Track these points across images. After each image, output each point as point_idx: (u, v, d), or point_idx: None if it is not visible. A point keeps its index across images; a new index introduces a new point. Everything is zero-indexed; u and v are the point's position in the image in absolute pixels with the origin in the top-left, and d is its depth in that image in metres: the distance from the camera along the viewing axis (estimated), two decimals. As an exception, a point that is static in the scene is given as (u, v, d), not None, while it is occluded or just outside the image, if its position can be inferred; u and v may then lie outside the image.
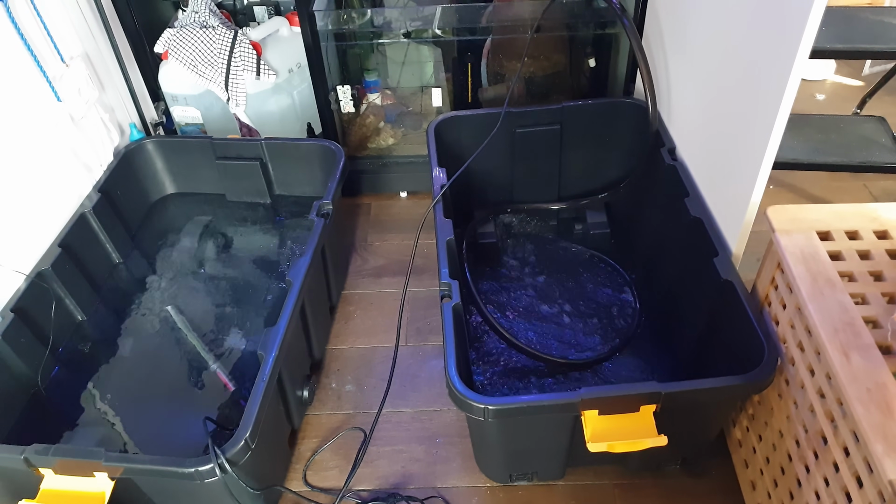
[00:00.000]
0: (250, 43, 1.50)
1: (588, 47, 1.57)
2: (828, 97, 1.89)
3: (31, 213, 1.14)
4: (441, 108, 1.63)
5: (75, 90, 1.22)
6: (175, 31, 1.50)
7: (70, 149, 1.21)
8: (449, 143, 1.39)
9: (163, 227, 1.44)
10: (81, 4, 1.28)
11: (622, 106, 1.39)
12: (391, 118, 1.72)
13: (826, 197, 1.56)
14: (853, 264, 0.84)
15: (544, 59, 1.56)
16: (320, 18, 1.43)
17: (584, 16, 1.44)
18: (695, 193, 1.15)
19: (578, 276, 1.38)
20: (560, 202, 1.49)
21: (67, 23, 1.24)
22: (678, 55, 1.23)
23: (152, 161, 1.42)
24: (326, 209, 1.21)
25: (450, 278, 1.04)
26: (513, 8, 1.47)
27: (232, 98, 1.51)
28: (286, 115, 1.61)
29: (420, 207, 1.65)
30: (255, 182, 1.42)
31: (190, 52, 1.47)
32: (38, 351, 1.11)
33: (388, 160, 1.66)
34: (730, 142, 1.02)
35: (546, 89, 1.58)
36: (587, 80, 1.61)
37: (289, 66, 1.57)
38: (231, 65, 1.48)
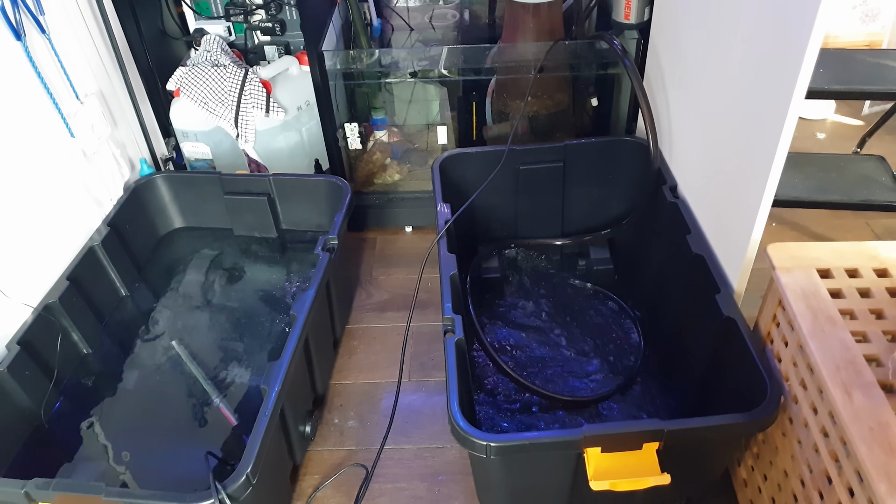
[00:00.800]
0: (260, 81, 1.54)
1: (590, 87, 1.60)
2: (828, 136, 1.91)
3: (40, 245, 1.15)
4: (446, 146, 1.66)
5: (89, 126, 1.25)
6: (187, 69, 1.54)
7: (82, 183, 1.24)
8: (454, 179, 1.41)
9: (170, 261, 1.45)
10: (97, 43, 1.32)
11: (624, 144, 1.41)
12: (397, 155, 1.74)
13: (828, 235, 1.57)
14: (854, 302, 0.84)
15: (547, 98, 1.58)
16: (329, 58, 1.46)
17: (586, 56, 1.47)
18: (696, 231, 1.16)
19: (582, 312, 1.38)
20: (563, 238, 1.50)
21: (83, 61, 1.27)
22: (679, 95, 1.25)
23: (161, 196, 1.44)
24: (332, 244, 1.23)
25: (453, 313, 1.05)
26: (517, 49, 1.50)
27: (241, 135, 1.54)
28: (294, 152, 1.64)
29: (424, 242, 1.67)
30: (262, 217, 1.44)
31: (201, 90, 1.51)
32: (43, 384, 1.11)
33: (394, 196, 1.68)
34: (730, 180, 1.04)
35: (549, 127, 1.61)
36: (590, 119, 1.63)
37: (298, 104, 1.60)
38: (241, 102, 1.51)
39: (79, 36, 1.26)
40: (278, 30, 1.65)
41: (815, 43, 0.80)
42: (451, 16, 1.75)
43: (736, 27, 0.99)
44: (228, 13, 1.64)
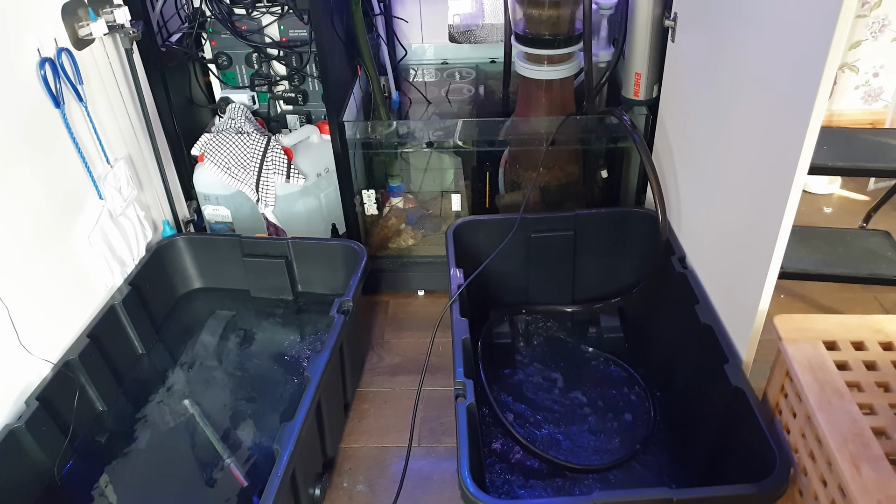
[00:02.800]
0: (282, 148, 1.60)
1: (601, 159, 1.65)
2: (834, 210, 1.94)
3: (64, 301, 1.19)
4: (460, 213, 1.71)
5: (116, 189, 1.30)
6: (212, 135, 1.60)
7: (106, 243, 1.28)
8: (467, 245, 1.45)
9: (187, 321, 1.48)
10: (129, 110, 1.39)
11: (634, 215, 1.45)
12: (412, 220, 1.79)
13: (836, 307, 1.58)
14: (860, 374, 0.86)
15: (559, 170, 1.63)
16: (349, 128, 1.53)
17: (597, 131, 1.53)
18: (705, 301, 1.18)
19: (593, 379, 1.39)
20: (574, 305, 1.52)
21: (115, 127, 1.34)
22: (686, 168, 1.29)
23: (182, 257, 1.49)
24: (347, 306, 1.25)
25: (465, 378, 1.06)
26: (529, 123, 1.56)
27: (262, 199, 1.59)
28: (312, 216, 1.69)
29: (437, 306, 1.69)
30: (279, 279, 1.48)
31: (225, 156, 1.57)
32: (58, 441, 1.13)
33: (408, 260, 1.72)
34: (737, 251, 1.06)
35: (560, 197, 1.65)
36: (600, 190, 1.68)
37: (318, 171, 1.66)
38: (263, 168, 1.57)
39: (113, 104, 1.32)
40: (300, 100, 1.72)
41: (816, 122, 0.83)
42: (466, 90, 1.83)
43: (740, 106, 1.03)
44: (254, 83, 1.72)
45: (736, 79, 1.04)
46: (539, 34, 1.47)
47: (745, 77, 1.01)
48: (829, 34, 0.77)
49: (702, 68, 1.18)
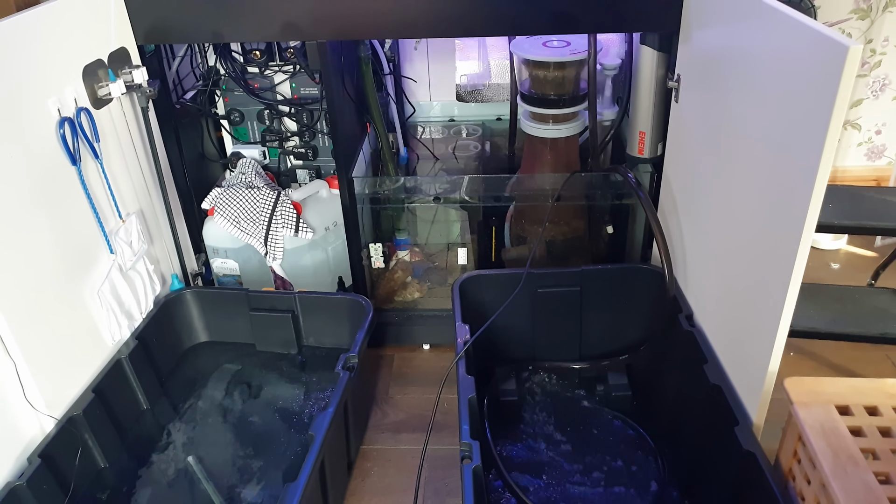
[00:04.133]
0: (291, 203, 1.62)
1: (606, 215, 1.66)
2: (842, 266, 1.94)
3: (70, 356, 1.18)
4: (466, 266, 1.71)
5: (127, 243, 1.32)
6: (222, 190, 1.63)
7: (115, 297, 1.29)
8: (473, 300, 1.44)
9: (192, 375, 1.47)
10: (143, 166, 1.41)
11: (640, 271, 1.45)
12: (418, 273, 1.80)
13: (847, 366, 1.56)
14: (875, 441, 0.84)
15: (564, 225, 1.65)
16: (358, 184, 1.55)
17: (602, 187, 1.54)
18: (713, 360, 1.17)
19: (601, 439, 1.37)
20: (581, 361, 1.51)
21: (128, 182, 1.36)
22: (692, 225, 1.30)
23: (189, 310, 1.49)
24: (352, 362, 1.25)
25: (471, 438, 1.05)
26: (535, 179, 1.58)
27: (270, 252, 1.60)
28: (319, 269, 1.69)
29: (442, 360, 1.68)
30: (285, 333, 1.47)
31: (235, 210, 1.59)
32: (58, 498, 1.11)
33: (413, 313, 1.72)
34: (745, 310, 1.06)
35: (566, 252, 1.66)
36: (606, 246, 1.69)
37: (326, 224, 1.67)
38: (272, 222, 1.59)
39: (127, 160, 1.35)
40: (311, 155, 1.75)
41: (822, 183, 0.84)
42: (473, 147, 1.86)
43: (745, 165, 1.04)
44: (265, 139, 1.75)
45: (740, 138, 1.06)
46: (544, 94, 1.51)
47: (749, 137, 1.02)
48: (831, 97, 0.79)
49: (705, 128, 1.20)
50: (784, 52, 0.91)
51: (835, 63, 0.77)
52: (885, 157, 2.22)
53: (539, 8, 1.28)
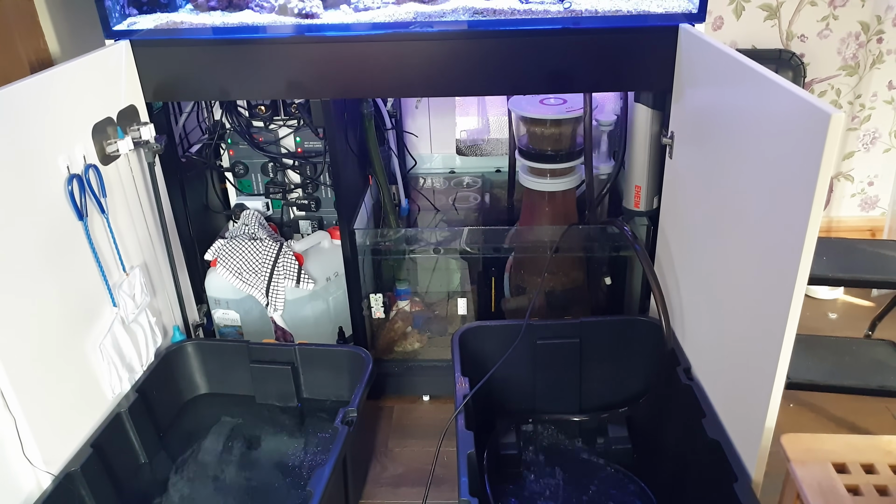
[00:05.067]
0: (293, 254, 1.64)
1: (604, 266, 1.68)
2: (840, 316, 1.95)
3: (70, 410, 1.19)
4: (466, 316, 1.72)
5: (130, 296, 1.33)
6: (225, 241, 1.65)
7: (117, 350, 1.29)
8: (472, 351, 1.45)
9: (192, 428, 1.47)
10: (147, 219, 1.44)
11: (638, 324, 1.46)
12: (418, 323, 1.80)
13: (847, 418, 1.56)
14: (872, 500, 0.84)
15: (563, 275, 1.66)
16: (360, 235, 1.58)
17: (599, 240, 1.57)
18: (711, 414, 1.17)
19: (602, 492, 1.36)
20: (581, 414, 1.51)
21: (133, 235, 1.38)
22: (688, 278, 1.32)
23: (190, 362, 1.50)
24: (351, 416, 1.25)
25: (470, 496, 1.04)
26: (534, 231, 1.60)
27: (271, 303, 1.61)
28: (320, 320, 1.71)
29: (442, 412, 1.68)
30: (284, 385, 1.48)
31: (237, 262, 1.61)
32: (53, 555, 1.10)
33: (413, 364, 1.72)
34: (741, 364, 1.07)
35: (565, 302, 1.67)
36: (605, 296, 1.70)
37: (327, 275, 1.69)
38: (274, 274, 1.60)
39: (132, 213, 1.37)
40: (313, 206, 1.78)
41: (811, 239, 0.85)
42: (473, 198, 1.89)
43: (737, 219, 1.06)
44: (269, 191, 1.79)
45: (731, 195, 1.08)
46: (542, 150, 1.54)
47: (740, 194, 1.05)
48: (816, 163, 0.81)
49: (699, 184, 1.23)
50: (771, 116, 0.94)
51: (819, 130, 0.80)
52: (878, 208, 2.25)
53: (536, 68, 1.32)
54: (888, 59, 2.02)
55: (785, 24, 1.99)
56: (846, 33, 2.00)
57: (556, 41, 1.30)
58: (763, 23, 1.99)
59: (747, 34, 2.01)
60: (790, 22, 1.99)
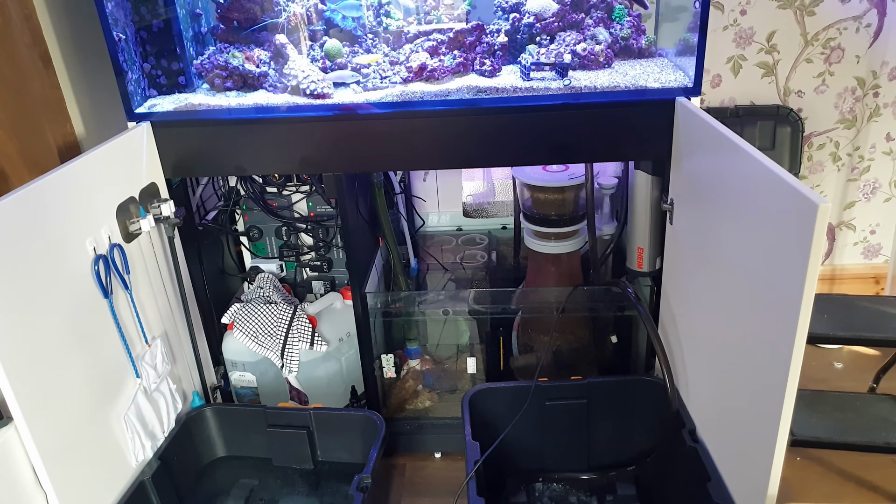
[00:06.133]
0: (307, 317, 1.69)
1: (610, 325, 1.72)
2: (845, 365, 1.96)
3: (95, 481, 1.23)
4: (475, 375, 1.76)
5: (152, 367, 1.38)
6: (241, 305, 1.70)
7: (139, 420, 1.34)
8: (482, 412, 1.49)
9: (211, 491, 1.51)
10: (168, 290, 1.50)
11: (643, 384, 1.49)
12: (429, 381, 1.84)
13: (854, 472, 1.57)
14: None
15: (570, 334, 1.70)
16: (371, 299, 1.63)
17: (604, 300, 1.61)
18: (716, 478, 1.20)
19: (611, 555, 1.38)
20: (590, 472, 1.54)
21: (154, 307, 1.44)
22: (691, 339, 1.35)
23: (209, 427, 1.54)
24: (366, 482, 1.28)
25: (481, 566, 1.07)
26: (540, 293, 1.65)
27: (286, 365, 1.66)
28: (333, 379, 1.75)
29: (453, 469, 1.70)
30: (300, 448, 1.51)
31: (253, 326, 1.66)
32: None
33: (424, 422, 1.75)
34: (744, 427, 1.09)
35: (572, 361, 1.71)
36: (611, 353, 1.73)
37: (339, 336, 1.74)
38: (289, 337, 1.66)
39: (154, 286, 1.43)
40: (325, 267, 1.84)
41: (809, 298, 0.87)
42: (479, 256, 1.94)
43: (735, 285, 1.10)
44: (283, 254, 1.85)
45: (729, 261, 1.12)
46: (545, 214, 1.60)
47: (738, 260, 1.08)
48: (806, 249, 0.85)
49: (698, 249, 1.27)
50: (760, 198, 0.99)
51: (807, 219, 0.84)
52: (881, 255, 2.28)
53: (538, 141, 1.38)
54: (885, 112, 2.08)
55: (782, 81, 2.05)
56: (843, 88, 2.05)
57: (557, 115, 1.36)
58: (761, 79, 2.05)
59: (745, 91, 2.07)
60: (787, 78, 2.05)
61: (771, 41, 1.99)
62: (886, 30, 1.96)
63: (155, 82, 1.46)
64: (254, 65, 1.42)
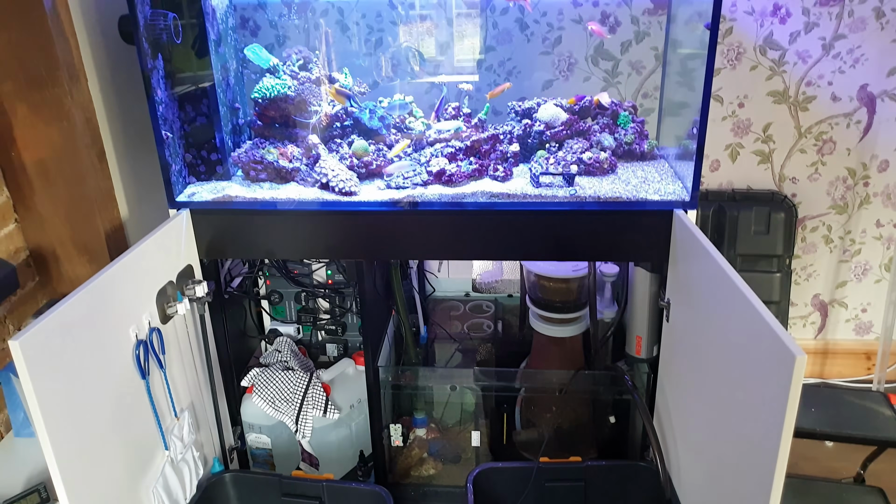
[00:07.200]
0: (322, 385, 1.79)
1: (609, 407, 1.81)
2: (835, 445, 2.05)
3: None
4: (479, 448, 1.85)
5: (179, 438, 1.48)
6: (261, 370, 1.81)
7: (166, 490, 1.44)
8: (486, 492, 1.57)
9: (225, 555, 1.60)
10: (196, 363, 1.60)
11: (639, 469, 1.58)
12: (434, 450, 1.94)
13: (837, 560, 1.65)
14: None
15: (571, 411, 1.80)
16: (382, 372, 1.73)
17: (604, 383, 1.70)
18: (706, 571, 1.28)
19: None
20: (587, 551, 1.62)
21: (184, 380, 1.54)
22: (684, 428, 1.43)
23: (227, 493, 1.63)
24: (374, 558, 1.38)
25: None
26: (542, 374, 1.75)
27: (300, 430, 1.76)
28: (343, 444, 1.85)
29: (456, 538, 1.79)
30: (312, 517, 1.61)
31: (271, 391, 1.76)
32: None
33: (429, 489, 1.84)
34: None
35: (572, 438, 1.80)
36: (609, 432, 1.83)
37: (351, 402, 1.84)
38: (304, 404, 1.76)
39: (184, 361, 1.54)
40: (340, 331, 1.95)
41: (789, 432, 0.95)
42: (486, 326, 2.04)
43: (725, 380, 1.17)
44: (300, 318, 1.96)
45: (719, 364, 1.19)
46: (550, 300, 1.70)
47: (726, 365, 1.15)
48: (783, 398, 0.95)
49: (692, 347, 1.35)
50: (747, 335, 1.08)
51: (785, 367, 0.94)
52: (872, 333, 2.38)
53: (544, 240, 1.49)
54: (875, 201, 2.19)
55: (777, 168, 2.17)
56: (834, 177, 2.16)
57: (562, 219, 1.47)
58: (757, 166, 2.17)
59: (742, 176, 2.19)
60: (782, 166, 2.16)
61: (767, 132, 2.11)
62: (876, 126, 2.07)
63: (195, 170, 1.58)
64: (287, 160, 1.54)
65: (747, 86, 2.04)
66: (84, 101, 1.49)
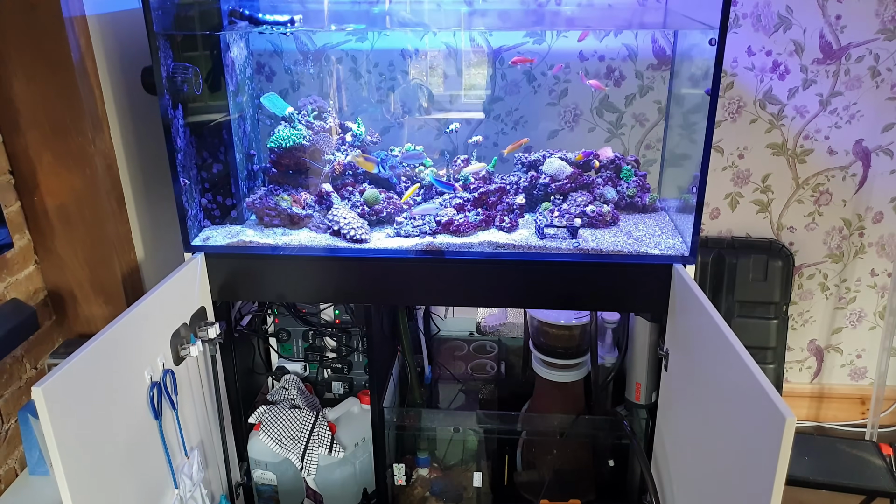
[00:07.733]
0: (328, 424, 1.83)
1: (608, 451, 1.85)
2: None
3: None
4: (481, 488, 1.88)
5: (189, 476, 1.52)
6: (268, 408, 1.85)
7: (174, 527, 1.47)
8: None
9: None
10: (207, 403, 1.64)
11: (636, 515, 1.62)
12: (436, 490, 1.96)
13: None
14: None
15: (571, 455, 1.83)
16: (387, 413, 1.77)
17: (604, 428, 1.74)
18: None
19: None
20: None
21: (194, 419, 1.58)
22: (680, 473, 1.46)
23: (233, 530, 1.67)
24: None
25: None
26: (544, 418, 1.79)
27: (305, 468, 1.79)
28: (347, 482, 1.88)
29: (455, 577, 1.81)
30: (316, 557, 1.64)
31: (278, 429, 1.80)
32: None
33: (430, 528, 1.87)
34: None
35: (572, 480, 1.83)
36: (608, 476, 1.86)
37: (356, 440, 1.87)
38: (310, 442, 1.79)
39: (195, 401, 1.58)
40: (346, 370, 1.99)
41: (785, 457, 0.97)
42: (489, 367, 2.08)
43: (721, 422, 1.20)
44: (307, 356, 2.00)
45: (717, 414, 1.23)
46: (553, 346, 1.75)
47: (724, 418, 1.19)
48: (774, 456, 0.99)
49: (690, 396, 1.39)
50: (741, 392, 1.12)
51: (776, 426, 0.99)
52: (867, 378, 2.42)
53: (548, 290, 1.54)
54: (870, 251, 2.24)
55: (775, 217, 2.22)
56: (831, 227, 2.22)
57: (566, 270, 1.52)
58: (756, 214, 2.22)
59: (741, 223, 2.24)
60: (780, 215, 2.22)
61: (765, 182, 2.17)
62: (871, 179, 2.13)
63: (209, 214, 1.64)
64: (300, 207, 1.59)
65: (747, 138, 2.11)
66: (106, 149, 1.55)
